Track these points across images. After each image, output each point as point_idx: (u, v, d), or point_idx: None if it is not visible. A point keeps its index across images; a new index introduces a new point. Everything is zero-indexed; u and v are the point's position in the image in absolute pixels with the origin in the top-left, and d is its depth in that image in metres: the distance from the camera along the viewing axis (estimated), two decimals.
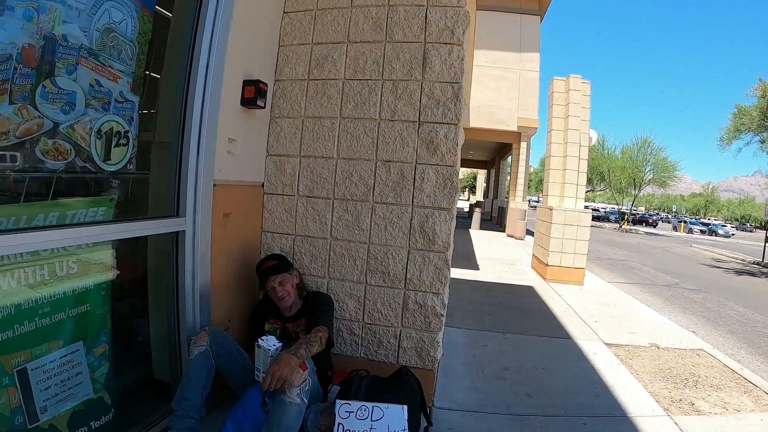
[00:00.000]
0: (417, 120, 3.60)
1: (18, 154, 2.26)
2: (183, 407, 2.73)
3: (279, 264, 3.32)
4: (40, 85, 2.25)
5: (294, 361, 2.58)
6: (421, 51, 3.62)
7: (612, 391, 4.43)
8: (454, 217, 3.62)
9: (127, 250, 3.03)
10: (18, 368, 2.30)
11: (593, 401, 4.19)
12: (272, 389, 2.50)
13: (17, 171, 2.31)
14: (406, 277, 3.63)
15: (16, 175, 2.32)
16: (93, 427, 2.71)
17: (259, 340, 2.73)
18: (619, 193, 50.17)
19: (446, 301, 3.65)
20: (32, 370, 2.37)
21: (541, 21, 23.48)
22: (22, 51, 2.15)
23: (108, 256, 2.83)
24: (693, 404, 4.33)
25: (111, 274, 2.86)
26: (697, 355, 5.85)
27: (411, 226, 3.60)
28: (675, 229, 61.22)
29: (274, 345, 2.72)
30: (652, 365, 5.33)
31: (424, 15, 3.62)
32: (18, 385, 2.30)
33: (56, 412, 2.49)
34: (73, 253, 2.56)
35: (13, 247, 2.14)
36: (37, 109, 2.24)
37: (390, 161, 3.64)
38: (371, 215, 3.69)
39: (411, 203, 3.60)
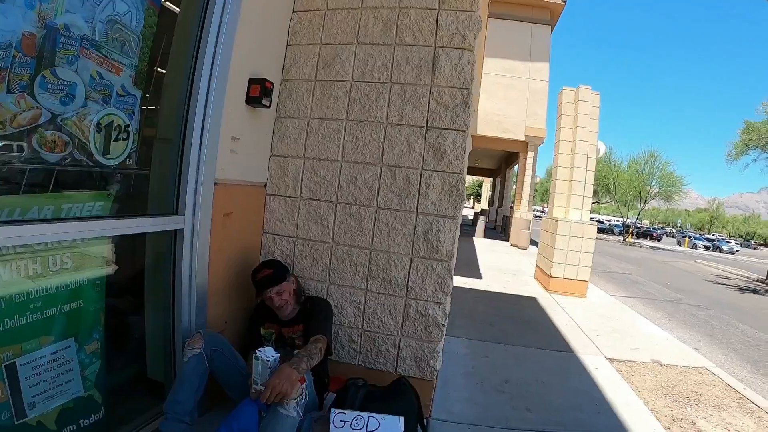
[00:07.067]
0: (425, 125, 3.55)
1: (14, 145, 2.22)
2: (175, 410, 2.68)
3: (275, 273, 3.24)
4: (40, 74, 2.21)
5: (295, 375, 2.53)
6: (431, 55, 3.57)
7: (613, 408, 4.36)
8: (459, 226, 3.56)
9: (123, 247, 2.98)
10: (7, 363, 2.26)
11: (594, 418, 4.12)
12: (270, 403, 2.45)
13: (13, 162, 2.27)
14: (407, 285, 3.57)
15: (12, 167, 2.28)
16: (82, 425, 2.67)
17: (256, 351, 2.66)
18: (625, 205, 50.06)
19: (448, 312, 3.60)
20: (21, 365, 2.33)
21: (552, 31, 23.47)
22: (22, 39, 2.12)
23: (103, 251, 2.80)
24: (694, 424, 4.26)
25: (106, 271, 2.82)
26: (700, 373, 5.78)
27: (415, 234, 3.55)
28: (679, 243, 61.19)
29: (272, 356, 2.65)
30: (653, 382, 5.26)
31: (435, 18, 3.57)
32: (6, 380, 2.26)
33: (45, 409, 2.45)
34: (67, 248, 2.52)
35: (4, 240, 2.09)
36: (35, 100, 2.20)
37: (396, 166, 3.59)
38: (374, 221, 3.63)
39: (415, 210, 3.55)
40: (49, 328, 2.48)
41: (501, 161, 32.64)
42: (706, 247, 56.94)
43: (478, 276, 11.23)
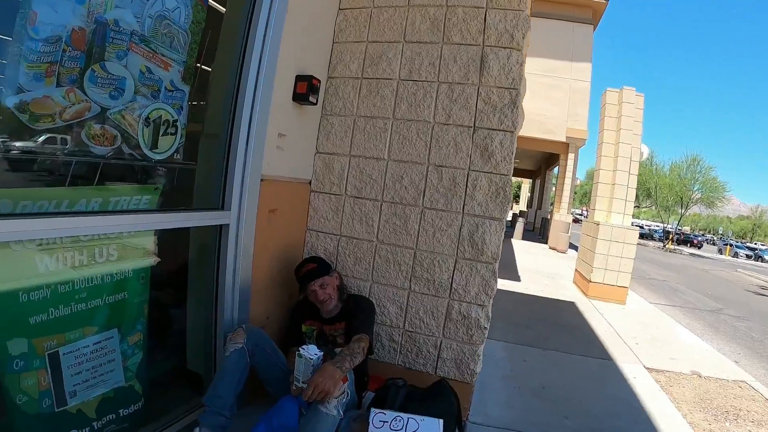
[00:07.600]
0: (472, 125, 3.50)
1: (64, 138, 2.25)
2: (215, 404, 2.68)
3: (319, 267, 3.25)
4: (89, 69, 2.23)
5: (338, 374, 2.52)
6: (478, 54, 3.52)
7: (651, 419, 4.28)
8: (504, 228, 3.51)
9: (168, 240, 3.00)
10: (50, 351, 2.29)
11: (632, 427, 4.05)
12: (312, 401, 2.44)
13: (62, 154, 2.29)
14: (451, 286, 3.54)
15: (61, 159, 2.32)
16: (121, 414, 2.69)
17: (300, 349, 2.65)
18: (665, 211, 49.30)
19: (490, 314, 3.55)
20: (64, 354, 2.36)
21: (594, 30, 23.12)
22: (72, 34, 2.14)
23: (149, 244, 2.82)
24: None
25: (151, 263, 2.84)
26: (740, 387, 5.63)
27: (460, 235, 3.51)
28: (720, 251, 59.87)
29: (316, 354, 2.64)
30: (692, 394, 5.14)
31: (483, 17, 3.52)
32: (48, 368, 2.29)
33: (85, 398, 2.48)
34: (113, 240, 2.54)
35: (54, 231, 2.12)
36: (84, 93, 2.22)
37: (442, 166, 3.56)
38: (420, 221, 3.61)
39: (461, 211, 3.51)
40: (93, 318, 2.50)
41: (541, 162, 32.32)
42: (748, 256, 55.52)
43: (517, 278, 11.12)
